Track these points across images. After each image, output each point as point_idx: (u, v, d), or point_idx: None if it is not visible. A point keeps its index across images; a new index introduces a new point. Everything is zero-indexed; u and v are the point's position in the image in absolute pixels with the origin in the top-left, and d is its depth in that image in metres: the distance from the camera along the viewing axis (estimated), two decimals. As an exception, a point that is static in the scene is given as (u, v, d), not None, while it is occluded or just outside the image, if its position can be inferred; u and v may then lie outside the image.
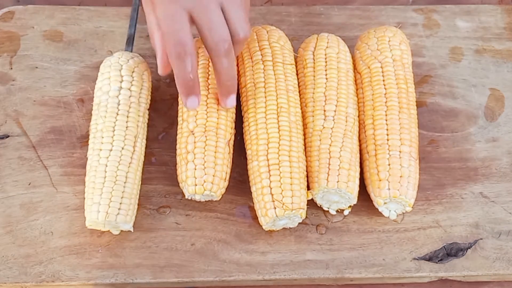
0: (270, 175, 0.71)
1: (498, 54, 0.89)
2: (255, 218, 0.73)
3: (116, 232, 0.73)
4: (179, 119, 0.76)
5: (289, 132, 0.73)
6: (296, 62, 0.81)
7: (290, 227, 0.74)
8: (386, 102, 0.76)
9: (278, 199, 0.70)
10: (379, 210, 0.74)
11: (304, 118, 0.77)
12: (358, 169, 0.74)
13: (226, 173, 0.73)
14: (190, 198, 0.73)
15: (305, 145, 0.75)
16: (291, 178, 0.71)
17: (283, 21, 0.91)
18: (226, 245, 0.73)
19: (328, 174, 0.72)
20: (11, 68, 0.85)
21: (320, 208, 0.75)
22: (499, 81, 0.86)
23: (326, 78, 0.78)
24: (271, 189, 0.70)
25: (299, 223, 0.73)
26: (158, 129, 0.81)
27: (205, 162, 0.71)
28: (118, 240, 0.73)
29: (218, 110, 0.75)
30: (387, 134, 0.74)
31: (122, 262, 0.72)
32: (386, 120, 0.75)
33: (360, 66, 0.81)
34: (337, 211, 0.75)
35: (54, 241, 0.73)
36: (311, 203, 0.74)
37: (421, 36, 0.90)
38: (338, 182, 0.71)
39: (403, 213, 0.75)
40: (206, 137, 0.73)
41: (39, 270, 0.71)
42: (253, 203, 0.73)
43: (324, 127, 0.75)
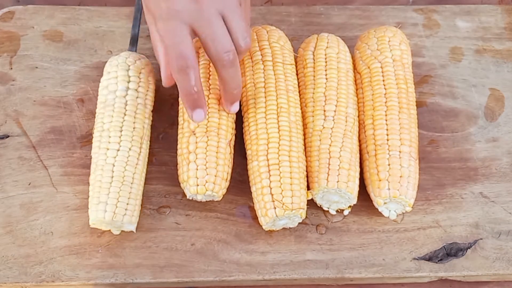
0: (270, 175, 0.71)
1: (498, 54, 0.89)
2: (255, 218, 0.73)
3: (116, 232, 0.73)
4: (180, 119, 0.76)
5: (289, 132, 0.73)
6: (296, 62, 0.81)
7: (290, 227, 0.74)
8: (386, 102, 0.76)
9: (278, 199, 0.70)
10: (379, 210, 0.74)
11: (304, 118, 0.77)
12: (358, 169, 0.74)
13: (228, 173, 0.73)
14: (191, 198, 0.73)
15: (305, 145, 0.75)
16: (291, 178, 0.71)
17: (283, 21, 0.91)
18: (226, 245, 0.73)
19: (328, 174, 0.72)
20: (11, 68, 0.85)
21: (320, 208, 0.75)
22: (499, 81, 0.86)
23: (326, 78, 0.78)
24: (271, 189, 0.70)
25: (299, 223, 0.73)
26: (158, 129, 0.81)
27: (206, 162, 0.71)
28: (118, 240, 0.73)
29: (219, 110, 0.75)
30: (387, 134, 0.74)
31: (122, 262, 0.72)
32: (386, 120, 0.75)
33: (360, 66, 0.81)
34: (337, 211, 0.75)
35: (54, 241, 0.73)
36: (311, 203, 0.74)
37: (421, 36, 0.90)
38: (338, 182, 0.71)
39: (403, 213, 0.75)
40: (207, 137, 0.73)
41: (39, 270, 0.71)
42: (253, 203, 0.73)
43: (324, 127, 0.75)
